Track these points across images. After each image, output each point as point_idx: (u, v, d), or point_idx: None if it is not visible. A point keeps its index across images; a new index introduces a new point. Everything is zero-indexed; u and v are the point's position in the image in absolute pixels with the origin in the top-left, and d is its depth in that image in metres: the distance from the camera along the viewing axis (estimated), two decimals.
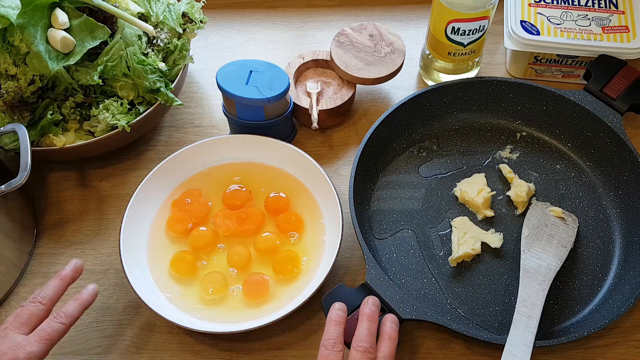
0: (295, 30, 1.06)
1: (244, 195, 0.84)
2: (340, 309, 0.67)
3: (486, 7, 0.83)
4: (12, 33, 0.78)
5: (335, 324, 0.65)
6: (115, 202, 0.88)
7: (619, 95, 0.86)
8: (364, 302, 0.68)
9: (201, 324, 0.74)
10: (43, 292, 0.67)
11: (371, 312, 0.67)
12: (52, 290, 0.68)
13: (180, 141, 0.93)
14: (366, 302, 0.68)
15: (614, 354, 0.74)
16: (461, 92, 0.90)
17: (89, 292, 0.69)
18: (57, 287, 0.68)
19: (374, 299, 0.68)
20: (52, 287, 0.68)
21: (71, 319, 0.66)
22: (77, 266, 0.71)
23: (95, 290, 0.70)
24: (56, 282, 0.69)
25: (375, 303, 0.68)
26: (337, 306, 0.67)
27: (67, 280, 0.69)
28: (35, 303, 0.66)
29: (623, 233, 0.81)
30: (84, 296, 0.69)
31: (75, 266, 0.71)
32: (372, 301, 0.68)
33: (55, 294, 0.68)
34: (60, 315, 0.66)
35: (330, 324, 0.65)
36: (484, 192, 0.83)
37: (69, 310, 0.66)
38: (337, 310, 0.67)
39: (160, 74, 0.85)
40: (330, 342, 0.63)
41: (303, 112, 0.90)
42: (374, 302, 0.68)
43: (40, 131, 0.82)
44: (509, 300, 0.77)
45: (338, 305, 0.67)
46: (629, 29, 0.91)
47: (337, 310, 0.67)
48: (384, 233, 0.83)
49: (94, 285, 0.70)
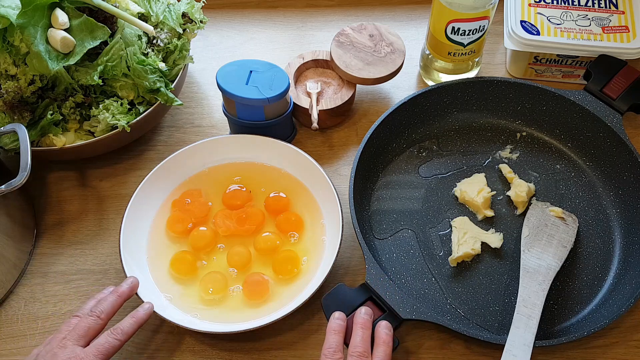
0: (295, 30, 1.06)
1: (244, 195, 0.84)
2: (340, 318, 0.68)
3: (486, 7, 0.83)
4: (12, 33, 0.78)
5: (334, 333, 0.67)
6: (115, 202, 0.88)
7: (619, 95, 0.86)
8: (357, 312, 0.70)
9: (201, 324, 0.74)
10: (101, 307, 0.69)
11: (364, 321, 0.68)
12: (109, 305, 0.69)
13: (180, 141, 0.93)
14: (359, 311, 0.69)
15: (614, 354, 0.74)
16: (461, 92, 0.90)
17: (145, 310, 0.71)
18: (115, 302, 0.70)
19: (367, 308, 0.70)
20: (109, 302, 0.70)
21: (126, 336, 0.68)
22: (134, 284, 0.73)
23: (151, 309, 0.71)
24: (113, 297, 0.70)
25: (368, 312, 0.69)
26: (336, 315, 0.68)
27: (124, 296, 0.71)
28: (93, 317, 0.68)
29: (623, 233, 0.81)
30: (140, 314, 0.70)
31: (133, 284, 0.73)
32: (364, 310, 0.69)
33: (112, 309, 0.69)
34: (117, 332, 0.67)
35: (330, 333, 0.67)
36: (484, 192, 0.83)
37: (125, 328, 0.68)
38: (336, 320, 0.68)
39: (160, 74, 0.85)
40: (330, 351, 0.65)
41: (303, 112, 0.90)
42: (367, 311, 0.69)
43: (40, 131, 0.82)
44: (509, 300, 0.77)
45: (337, 314, 0.69)
46: (629, 29, 0.91)
47: (337, 319, 0.68)
48: (384, 233, 0.83)
49: (150, 304, 0.71)
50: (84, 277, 0.82)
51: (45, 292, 0.81)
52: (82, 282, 0.81)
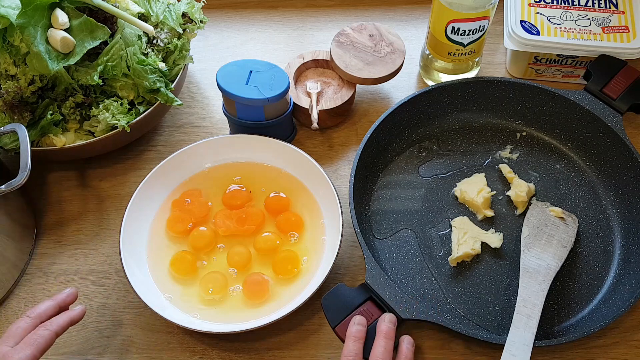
0: (295, 30, 1.06)
1: (244, 195, 0.84)
2: (361, 324, 0.67)
3: (486, 7, 0.83)
4: (12, 33, 0.78)
5: (355, 340, 0.66)
6: (115, 202, 0.88)
7: (619, 95, 0.86)
8: (381, 319, 0.68)
9: (201, 324, 0.74)
10: (32, 310, 0.68)
11: (388, 330, 0.67)
12: (42, 308, 0.68)
13: (180, 141, 0.93)
14: (383, 319, 0.68)
15: (614, 354, 0.74)
16: (461, 92, 0.90)
17: (78, 311, 0.70)
18: (49, 306, 0.69)
19: (391, 315, 0.68)
20: (43, 306, 0.68)
21: (57, 327, 0.66)
22: (73, 292, 0.72)
23: (84, 311, 0.70)
24: (48, 302, 0.69)
25: (392, 320, 0.68)
26: (357, 320, 0.67)
27: (59, 301, 0.70)
28: (23, 318, 0.67)
29: (623, 233, 0.81)
30: (73, 312, 0.69)
31: (71, 292, 0.71)
32: (389, 318, 0.68)
33: (45, 312, 0.68)
34: (45, 324, 0.66)
35: (350, 339, 0.66)
36: (484, 192, 0.83)
37: (55, 320, 0.67)
38: (357, 325, 0.67)
39: (160, 74, 0.85)
40: (350, 359, 0.64)
41: (303, 112, 0.90)
42: (391, 319, 0.68)
43: (40, 131, 0.82)
44: (508, 300, 0.77)
45: (358, 319, 0.67)
46: (629, 29, 0.91)
47: (358, 325, 0.67)
48: (384, 233, 0.83)
49: (84, 307, 0.70)
50: (84, 277, 0.82)
51: (45, 292, 0.81)
52: (82, 282, 0.81)
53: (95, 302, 0.79)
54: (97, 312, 0.79)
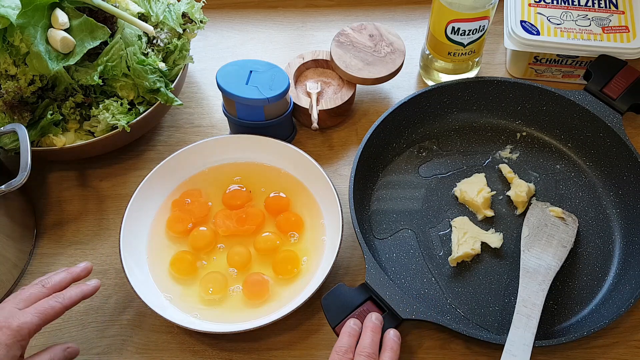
0: (295, 30, 1.06)
1: (244, 195, 0.84)
2: (356, 325, 0.69)
3: (486, 7, 0.83)
4: (12, 33, 0.78)
5: (349, 335, 0.67)
6: (115, 202, 0.88)
7: (619, 95, 0.86)
8: (368, 317, 0.69)
9: (201, 324, 0.74)
10: (47, 279, 0.68)
11: (374, 325, 0.68)
12: (57, 278, 0.68)
13: (180, 141, 0.93)
14: (370, 317, 0.69)
15: (614, 354, 0.74)
16: (461, 92, 0.90)
17: (92, 285, 0.70)
18: (63, 277, 0.69)
19: (377, 314, 0.70)
20: (57, 276, 0.69)
21: (69, 300, 0.66)
22: (87, 267, 0.72)
23: (98, 285, 0.70)
24: (63, 274, 0.69)
25: (379, 318, 0.69)
26: (352, 322, 0.69)
27: (73, 275, 0.70)
28: (38, 285, 0.67)
29: (623, 233, 0.81)
30: (86, 287, 0.69)
31: (86, 266, 0.72)
32: (375, 316, 0.69)
33: (59, 283, 0.68)
34: (59, 296, 0.66)
35: (345, 334, 0.67)
36: (484, 192, 0.83)
37: (68, 293, 0.67)
38: (352, 325, 0.69)
39: (160, 74, 0.85)
40: (342, 349, 0.65)
41: (303, 112, 0.90)
42: (377, 317, 0.69)
43: (40, 131, 0.82)
44: (508, 300, 0.77)
45: (353, 321, 0.69)
46: (629, 29, 0.91)
47: (353, 325, 0.69)
48: (384, 233, 0.83)
49: (98, 281, 0.71)
50: None
51: None
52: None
53: (95, 302, 0.79)
54: (97, 312, 0.79)
